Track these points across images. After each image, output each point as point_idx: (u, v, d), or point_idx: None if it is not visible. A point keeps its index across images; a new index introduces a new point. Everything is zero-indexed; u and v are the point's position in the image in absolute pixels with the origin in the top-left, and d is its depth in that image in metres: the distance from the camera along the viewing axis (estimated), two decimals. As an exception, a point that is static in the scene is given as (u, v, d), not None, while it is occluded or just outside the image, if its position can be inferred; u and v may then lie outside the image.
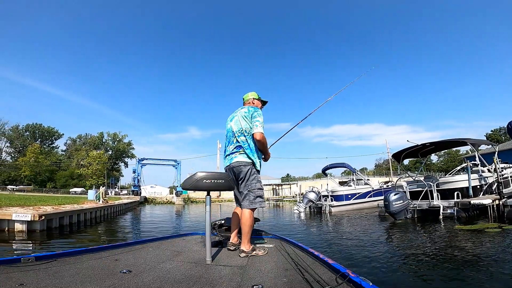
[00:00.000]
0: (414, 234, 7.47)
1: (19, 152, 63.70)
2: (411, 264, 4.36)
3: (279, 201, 36.36)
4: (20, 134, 66.48)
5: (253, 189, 2.44)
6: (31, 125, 68.88)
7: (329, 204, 15.02)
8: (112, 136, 72.42)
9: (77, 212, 9.91)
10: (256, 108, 2.67)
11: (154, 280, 1.54)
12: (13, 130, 64.96)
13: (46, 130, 71.20)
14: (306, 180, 57.50)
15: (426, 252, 5.11)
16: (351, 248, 5.66)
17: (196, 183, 2.08)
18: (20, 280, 1.42)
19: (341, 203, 15.38)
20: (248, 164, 2.47)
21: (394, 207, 9.45)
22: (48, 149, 69.69)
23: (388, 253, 5.08)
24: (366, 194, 16.34)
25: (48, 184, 59.47)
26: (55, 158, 66.79)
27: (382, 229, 8.60)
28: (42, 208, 9.29)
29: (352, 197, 15.81)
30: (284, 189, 50.49)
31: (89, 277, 1.54)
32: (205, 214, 2.13)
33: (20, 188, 47.35)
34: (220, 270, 1.81)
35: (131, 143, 74.58)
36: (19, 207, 9.30)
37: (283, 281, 1.54)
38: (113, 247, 2.51)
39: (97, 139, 71.12)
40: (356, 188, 16.27)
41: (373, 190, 16.68)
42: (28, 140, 66.59)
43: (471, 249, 5.14)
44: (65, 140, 75.85)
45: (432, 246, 5.64)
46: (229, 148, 2.60)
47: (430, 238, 6.65)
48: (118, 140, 72.58)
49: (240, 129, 2.54)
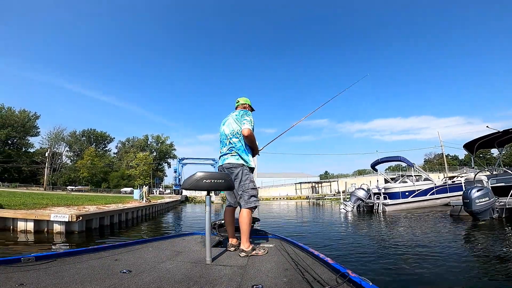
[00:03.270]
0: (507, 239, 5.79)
1: (77, 156, 70.68)
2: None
3: (320, 199, 34.51)
4: (77, 139, 73.69)
5: (247, 189, 2.48)
6: (86, 130, 75.98)
7: (383, 202, 13.22)
8: (155, 138, 77.10)
9: (118, 212, 9.81)
10: (248, 112, 2.73)
11: (154, 280, 1.55)
12: (71, 135, 72.32)
13: (99, 135, 77.98)
14: (346, 177, 54.46)
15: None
16: (435, 261, 4.28)
17: (196, 183, 2.07)
18: (20, 280, 1.43)
19: (396, 202, 13.49)
20: (239, 165, 2.53)
21: (477, 205, 7.76)
22: (102, 152, 76.19)
23: (489, 267, 3.67)
24: (428, 191, 14.14)
25: (103, 184, 64.89)
26: (108, 160, 72.59)
27: (463, 233, 6.95)
28: (86, 208, 9.35)
29: (410, 195, 13.77)
30: (324, 187, 48.45)
31: (89, 277, 1.54)
32: (205, 214, 2.13)
33: (78, 188, 52.20)
34: (220, 270, 1.81)
35: (172, 144, 78.66)
36: (64, 206, 9.48)
37: (283, 281, 1.53)
38: (113, 247, 2.50)
39: (143, 141, 76.07)
40: (415, 185, 14.13)
41: (436, 186, 14.37)
42: (84, 144, 73.58)
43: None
44: (116, 143, 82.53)
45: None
46: (223, 150, 2.67)
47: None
48: (161, 142, 76.93)
49: (232, 131, 2.62)
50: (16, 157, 59.14)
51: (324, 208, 20.00)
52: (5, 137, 58.02)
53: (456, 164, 66.94)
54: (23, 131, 62.45)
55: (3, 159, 56.05)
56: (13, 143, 62.68)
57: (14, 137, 61.10)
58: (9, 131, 58.20)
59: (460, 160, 77.51)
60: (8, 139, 60.14)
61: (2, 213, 6.78)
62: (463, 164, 65.99)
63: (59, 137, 68.88)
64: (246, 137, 2.54)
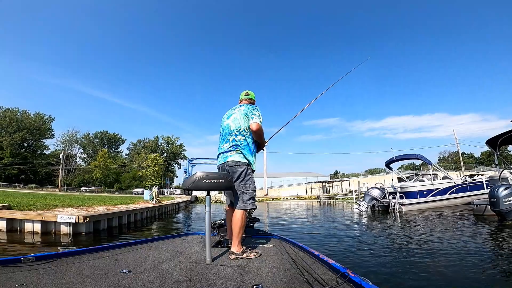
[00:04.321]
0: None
1: (91, 157, 72.19)
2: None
3: (331, 199, 33.80)
4: (91, 140, 75.32)
5: (247, 190, 2.39)
6: (99, 132, 77.53)
7: (399, 202, 12.65)
8: (166, 139, 78.04)
9: (127, 213, 9.68)
10: (256, 107, 2.63)
11: (154, 280, 1.54)
12: (84, 137, 73.92)
13: (112, 136, 79.43)
14: (358, 176, 53.36)
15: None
16: (461, 267, 3.84)
17: (196, 183, 2.06)
18: (20, 280, 1.42)
19: (414, 201, 12.90)
20: (244, 164, 2.41)
21: (505, 204, 7.30)
22: (114, 154, 77.65)
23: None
24: (447, 190, 13.45)
25: (115, 185, 66.03)
26: (120, 162, 73.89)
27: (490, 234, 6.48)
28: (95, 209, 9.26)
29: (429, 194, 13.13)
30: (335, 186, 47.63)
31: (89, 277, 1.54)
32: (205, 214, 2.12)
33: (92, 189, 53.31)
34: (220, 270, 1.80)
35: (183, 145, 79.53)
36: (74, 207, 9.43)
37: (283, 281, 1.53)
38: (113, 247, 2.48)
39: (153, 142, 77.04)
40: (434, 183, 13.46)
41: (456, 185, 13.66)
42: (97, 146, 75.08)
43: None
44: (128, 145, 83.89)
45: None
46: (224, 146, 2.51)
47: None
48: (171, 143, 77.73)
49: (239, 128, 2.48)
50: (32, 159, 60.90)
51: (336, 208, 19.46)
52: (21, 139, 59.79)
53: (472, 163, 64.92)
54: (38, 134, 64.24)
55: (20, 161, 57.83)
56: (29, 145, 64.53)
57: (30, 139, 62.90)
58: (24, 134, 59.97)
59: (476, 158, 75.13)
60: (24, 142, 61.95)
61: (9, 214, 6.71)
62: (479, 163, 63.99)
63: (73, 139, 70.53)
64: (254, 132, 2.43)
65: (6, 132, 58.99)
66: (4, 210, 6.90)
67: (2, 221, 6.63)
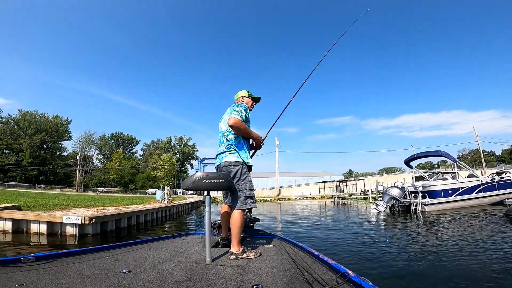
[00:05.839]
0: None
1: (107, 158, 73.93)
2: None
3: (345, 198, 32.81)
4: (106, 142, 77.20)
5: (244, 190, 2.37)
6: (114, 134, 79.39)
7: (422, 202, 11.86)
8: (178, 140, 78.93)
9: (137, 214, 9.46)
10: (240, 104, 2.59)
11: (154, 280, 1.54)
12: (100, 139, 75.81)
13: (126, 138, 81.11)
14: (372, 175, 51.88)
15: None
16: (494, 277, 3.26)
17: (196, 183, 2.06)
18: (20, 280, 1.42)
19: (438, 201, 12.08)
20: (239, 163, 2.41)
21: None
22: (129, 155, 79.22)
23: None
24: (474, 189, 12.54)
25: (130, 185, 67.28)
26: (135, 162, 75.23)
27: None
28: (105, 210, 9.10)
29: (454, 193, 12.26)
30: (349, 186, 46.46)
31: (89, 277, 1.53)
32: (205, 214, 2.12)
33: (108, 189, 54.50)
34: (220, 270, 1.79)
35: (195, 145, 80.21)
36: (84, 208, 9.31)
37: (283, 281, 1.52)
38: (113, 247, 2.46)
39: (166, 143, 78.04)
40: (459, 182, 12.56)
41: (483, 183, 12.71)
42: (113, 147, 76.84)
43: None
44: (142, 146, 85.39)
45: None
46: (220, 148, 2.55)
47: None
48: (183, 143, 78.51)
49: (228, 128, 2.48)
50: (51, 161, 62.98)
51: (351, 208, 18.68)
52: (40, 141, 61.92)
53: (493, 161, 62.03)
54: (56, 136, 66.42)
55: (39, 162, 59.89)
56: (48, 147, 66.79)
57: (49, 141, 65.07)
58: (43, 136, 62.08)
59: (497, 156, 71.74)
60: (43, 144, 64.15)
61: (15, 215, 6.58)
62: (500, 161, 61.07)
63: (89, 141, 72.51)
64: (232, 127, 2.38)
65: (26, 134, 61.27)
66: (10, 211, 6.77)
67: (8, 222, 6.51)
